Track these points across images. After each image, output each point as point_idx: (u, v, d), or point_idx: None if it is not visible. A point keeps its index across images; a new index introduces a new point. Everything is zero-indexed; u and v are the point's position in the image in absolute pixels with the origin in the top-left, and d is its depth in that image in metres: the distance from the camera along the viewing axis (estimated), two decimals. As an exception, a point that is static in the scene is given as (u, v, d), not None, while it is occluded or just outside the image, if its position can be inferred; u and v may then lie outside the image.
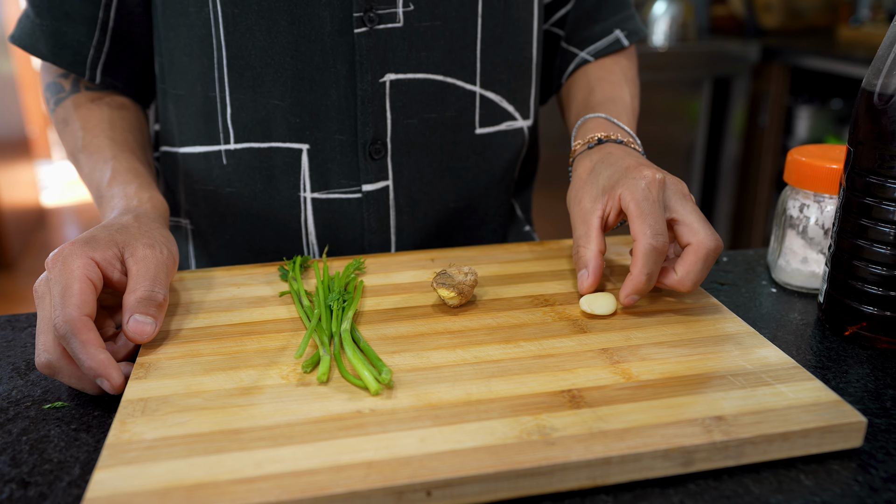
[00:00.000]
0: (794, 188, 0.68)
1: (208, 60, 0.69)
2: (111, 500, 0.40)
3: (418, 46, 0.70)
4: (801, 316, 0.65)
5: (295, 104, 0.69)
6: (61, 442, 0.49)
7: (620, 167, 0.62)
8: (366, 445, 0.44)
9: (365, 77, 0.69)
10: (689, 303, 0.61)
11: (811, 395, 0.48)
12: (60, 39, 0.71)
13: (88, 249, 0.54)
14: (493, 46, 0.73)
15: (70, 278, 0.52)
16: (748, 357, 0.53)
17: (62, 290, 0.52)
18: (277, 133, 0.71)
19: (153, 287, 0.55)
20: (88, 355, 0.50)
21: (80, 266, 0.53)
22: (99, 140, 0.71)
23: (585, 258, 0.61)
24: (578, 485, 0.43)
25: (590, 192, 0.63)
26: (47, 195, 4.15)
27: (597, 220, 0.61)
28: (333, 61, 0.68)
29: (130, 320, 0.53)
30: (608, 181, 0.62)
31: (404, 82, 0.70)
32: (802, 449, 0.46)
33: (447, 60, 0.71)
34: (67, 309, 0.50)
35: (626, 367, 0.52)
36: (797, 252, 0.68)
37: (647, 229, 0.57)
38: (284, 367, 0.52)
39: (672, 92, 2.38)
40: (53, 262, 0.54)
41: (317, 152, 0.71)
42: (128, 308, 0.54)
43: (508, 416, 0.46)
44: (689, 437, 0.44)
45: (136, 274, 0.55)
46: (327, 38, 0.67)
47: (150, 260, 0.56)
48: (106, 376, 0.50)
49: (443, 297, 0.59)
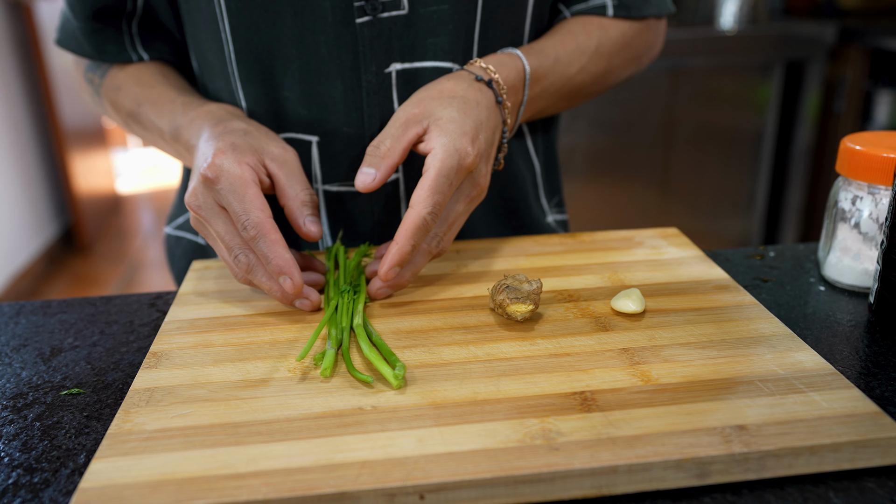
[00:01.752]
0: (847, 179, 0.63)
1: (223, 55, 0.69)
2: (103, 491, 0.40)
3: (424, 33, 0.67)
4: (850, 317, 0.60)
5: (303, 96, 0.68)
6: (72, 429, 0.49)
7: (459, 128, 0.58)
8: (362, 444, 0.42)
9: (370, 68, 0.67)
10: (724, 301, 0.58)
11: (847, 405, 0.44)
12: (101, 37, 0.73)
13: (241, 156, 0.58)
14: (491, 28, 0.69)
15: (242, 184, 0.56)
16: (781, 361, 0.49)
17: (239, 196, 0.56)
18: (289, 125, 0.70)
19: (307, 188, 0.61)
20: (276, 254, 0.55)
21: (246, 172, 0.57)
22: (159, 88, 0.72)
23: (385, 154, 0.59)
24: (582, 494, 0.41)
25: (423, 112, 0.60)
26: (122, 182, 4.29)
27: (412, 137, 0.60)
28: (338, 52, 0.66)
29: (305, 222, 0.59)
30: (442, 128, 0.58)
31: (411, 72, 0.68)
32: (833, 464, 0.42)
33: (454, 47, 0.68)
34: (253, 213, 0.55)
35: (645, 368, 0.49)
36: (849, 248, 0.63)
37: (430, 203, 0.55)
38: (292, 361, 0.51)
39: (740, 77, 2.29)
40: (215, 173, 0.56)
41: (326, 144, 0.70)
42: (296, 212, 0.59)
43: (513, 417, 0.44)
44: (705, 448, 0.41)
45: (285, 178, 0.60)
46: (330, 28, 0.65)
47: (290, 162, 0.61)
48: (289, 274, 0.55)
49: (518, 312, 0.54)
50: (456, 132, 0.58)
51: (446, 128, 0.58)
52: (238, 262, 0.57)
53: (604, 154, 2.27)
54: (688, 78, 2.24)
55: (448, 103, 0.60)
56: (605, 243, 0.69)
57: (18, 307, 0.66)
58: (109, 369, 0.56)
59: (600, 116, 2.21)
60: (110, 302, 0.67)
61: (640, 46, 0.78)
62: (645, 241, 0.69)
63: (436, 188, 0.56)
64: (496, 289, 0.56)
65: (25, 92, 3.14)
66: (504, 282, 0.56)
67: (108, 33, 0.73)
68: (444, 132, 0.58)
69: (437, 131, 0.58)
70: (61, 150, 3.21)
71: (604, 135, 2.25)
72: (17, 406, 0.52)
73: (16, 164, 2.99)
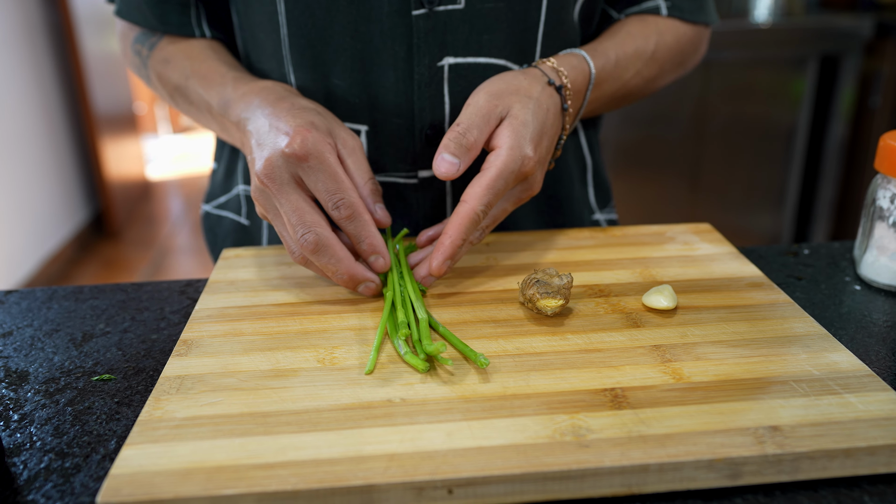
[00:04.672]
0: (886, 177, 0.62)
1: (277, 37, 0.69)
2: (134, 477, 0.40)
3: (479, 29, 0.67)
4: (886, 317, 0.59)
5: (354, 85, 0.68)
6: (103, 415, 0.50)
7: (528, 131, 0.58)
8: (391, 436, 0.42)
9: (423, 60, 0.67)
10: (758, 299, 0.57)
11: (883, 407, 0.44)
12: (166, 7, 0.74)
13: (324, 136, 0.58)
14: (555, 29, 0.69)
15: (333, 164, 0.57)
16: (816, 361, 0.48)
17: (331, 176, 0.56)
18: (338, 112, 0.70)
19: (373, 177, 0.61)
20: (370, 233, 0.56)
21: (332, 153, 0.58)
22: (209, 63, 0.72)
23: (470, 146, 0.58)
24: (612, 492, 0.40)
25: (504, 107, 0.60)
26: (152, 168, 4.34)
27: (492, 130, 0.59)
28: (392, 43, 0.66)
29: (376, 209, 0.60)
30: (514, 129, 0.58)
31: (463, 66, 0.68)
32: (869, 468, 0.41)
33: (509, 45, 0.68)
34: (348, 193, 0.56)
35: (677, 366, 0.48)
36: (886, 246, 0.62)
37: (485, 201, 0.56)
38: (322, 350, 0.51)
39: (774, 70, 2.25)
40: (304, 151, 0.56)
41: (375, 134, 0.70)
42: (366, 199, 0.60)
43: (543, 413, 0.44)
44: (737, 448, 0.40)
45: (354, 165, 0.60)
46: (386, 18, 0.65)
47: (357, 150, 0.61)
48: (382, 254, 0.57)
49: (548, 307, 0.54)
50: (524, 136, 0.58)
51: (517, 130, 0.58)
52: (305, 241, 0.55)
53: (634, 147, 2.25)
54: (720, 71, 2.20)
55: (525, 104, 0.60)
56: (636, 238, 0.68)
57: (51, 292, 0.67)
58: (140, 356, 0.56)
59: (631, 109, 2.18)
60: (141, 289, 0.67)
61: (688, 51, 0.78)
62: (677, 236, 0.68)
63: (492, 187, 0.56)
64: (526, 283, 0.55)
65: (58, 78, 3.18)
66: (534, 276, 0.55)
67: (172, 4, 0.74)
68: (514, 134, 0.58)
69: (508, 131, 0.58)
70: (93, 136, 3.24)
71: (634, 128, 2.23)
72: (49, 391, 0.52)
73: (48, 150, 3.03)
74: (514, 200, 0.61)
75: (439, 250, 0.57)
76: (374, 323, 0.55)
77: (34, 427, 0.48)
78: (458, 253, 0.58)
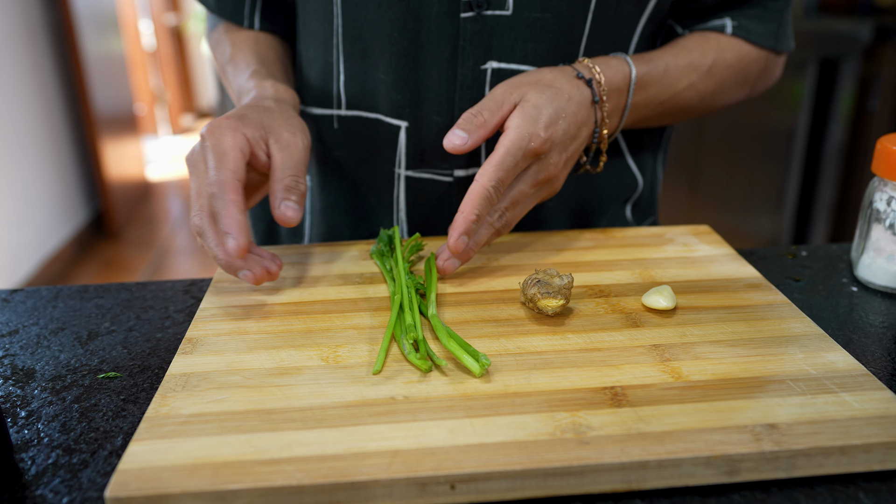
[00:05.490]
0: (883, 179, 0.62)
1: (329, 26, 0.71)
2: (141, 473, 0.41)
3: (525, 37, 0.68)
4: (883, 318, 0.60)
5: (398, 80, 0.70)
6: (109, 412, 0.50)
7: (539, 113, 0.61)
8: (394, 433, 0.43)
9: (466, 62, 0.68)
10: (756, 300, 0.57)
11: (878, 406, 0.44)
12: None
13: (241, 125, 0.60)
14: (597, 42, 0.70)
15: (225, 147, 0.58)
16: (813, 361, 0.49)
17: (218, 156, 0.57)
18: (381, 106, 0.72)
19: (297, 177, 0.61)
20: (229, 213, 0.55)
21: (235, 138, 0.59)
22: (244, 53, 0.76)
23: (480, 124, 0.61)
24: (612, 488, 0.41)
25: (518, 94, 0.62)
26: (152, 169, 4.34)
27: (505, 114, 0.62)
28: (438, 43, 0.68)
29: (281, 205, 0.59)
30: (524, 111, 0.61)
31: (506, 72, 0.69)
32: (864, 465, 0.42)
33: (552, 55, 0.69)
34: (222, 172, 0.57)
35: (676, 365, 0.49)
36: (883, 248, 0.63)
37: (495, 178, 0.58)
38: (325, 349, 0.52)
39: (773, 74, 2.26)
40: (210, 132, 0.59)
41: (414, 131, 0.71)
42: (276, 194, 0.59)
43: (544, 411, 0.44)
44: (735, 445, 0.41)
45: (282, 162, 0.61)
46: (434, 18, 0.67)
47: (292, 148, 0.61)
48: (235, 234, 0.55)
49: (549, 307, 0.54)
50: (533, 116, 0.60)
51: (528, 111, 0.60)
52: (192, 223, 0.58)
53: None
54: (719, 74, 2.21)
55: (542, 91, 0.62)
56: (636, 239, 0.69)
57: (56, 291, 0.68)
58: (145, 354, 0.57)
59: (629, 111, 2.19)
60: (146, 288, 0.68)
61: (753, 73, 0.76)
62: (676, 238, 0.69)
63: (500, 164, 0.59)
64: (527, 283, 0.56)
65: (59, 79, 3.19)
66: (535, 276, 0.56)
67: None
68: (524, 114, 0.60)
69: (518, 112, 0.61)
70: (93, 136, 3.25)
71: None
72: (55, 388, 0.53)
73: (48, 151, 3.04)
74: (531, 182, 0.62)
75: (453, 227, 0.59)
76: (376, 322, 0.56)
77: (41, 423, 0.49)
78: (478, 233, 0.61)
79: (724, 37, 0.74)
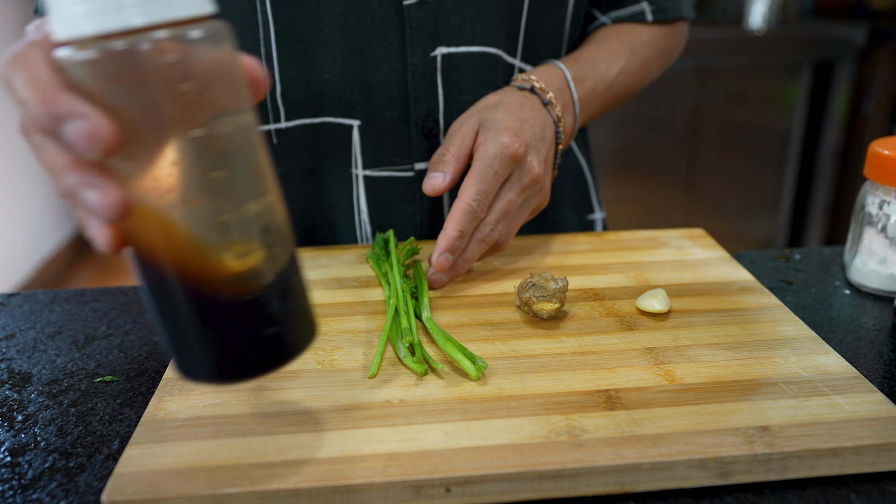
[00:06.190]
0: (875, 183, 0.63)
1: (253, 37, 0.68)
2: (138, 476, 0.41)
3: (472, 17, 0.67)
4: (875, 321, 0.60)
5: (345, 78, 0.68)
6: (106, 415, 0.50)
7: (502, 124, 0.62)
8: (390, 436, 0.43)
9: (416, 51, 0.67)
10: (749, 303, 0.58)
11: (870, 408, 0.45)
12: None
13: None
14: (538, 19, 0.71)
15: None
16: (805, 364, 0.49)
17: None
18: (329, 108, 0.70)
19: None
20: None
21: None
22: None
23: (451, 160, 0.62)
24: (606, 490, 0.41)
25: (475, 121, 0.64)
26: (148, 172, 4.34)
27: (471, 143, 0.63)
28: (384, 34, 0.66)
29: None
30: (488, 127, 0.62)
31: (456, 56, 0.68)
32: (855, 467, 0.42)
33: (499, 32, 0.69)
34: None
35: (670, 368, 0.49)
36: (875, 252, 0.63)
37: (475, 190, 0.59)
38: (321, 353, 0.52)
39: (768, 77, 2.27)
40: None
41: (368, 129, 0.70)
42: None
43: (539, 413, 0.45)
44: (727, 448, 0.41)
45: None
46: (377, 10, 0.66)
47: None
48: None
49: (544, 310, 0.55)
50: (499, 128, 0.61)
51: (492, 127, 0.61)
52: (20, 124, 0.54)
53: (630, 152, 2.26)
54: (715, 77, 2.22)
55: (494, 109, 0.63)
56: (630, 243, 0.70)
57: (53, 295, 0.68)
58: (142, 358, 0.57)
59: (627, 115, 2.20)
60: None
61: (668, 45, 0.80)
62: (671, 241, 0.70)
63: (480, 176, 0.59)
64: (522, 286, 0.56)
65: (55, 83, 3.18)
66: (530, 280, 0.56)
67: None
68: (490, 129, 0.61)
69: (484, 132, 0.62)
70: (89, 140, 3.24)
71: (630, 133, 2.24)
72: (52, 392, 0.53)
73: (45, 154, 3.03)
74: (517, 188, 0.61)
75: (437, 245, 0.59)
76: (371, 326, 0.56)
77: (38, 427, 0.49)
78: (466, 248, 0.61)
79: (629, 24, 0.78)
